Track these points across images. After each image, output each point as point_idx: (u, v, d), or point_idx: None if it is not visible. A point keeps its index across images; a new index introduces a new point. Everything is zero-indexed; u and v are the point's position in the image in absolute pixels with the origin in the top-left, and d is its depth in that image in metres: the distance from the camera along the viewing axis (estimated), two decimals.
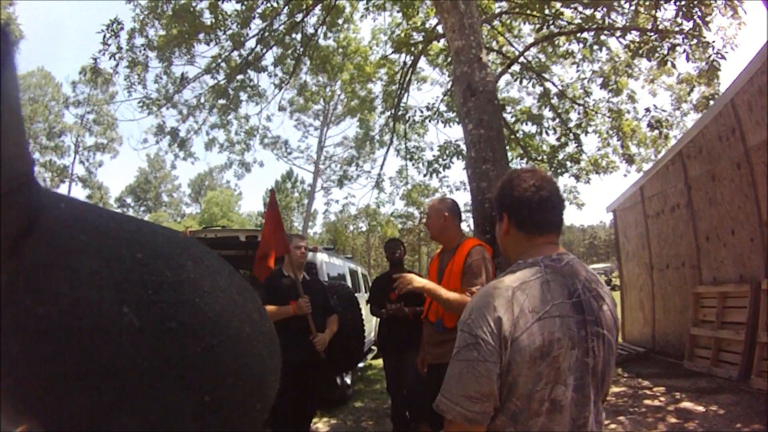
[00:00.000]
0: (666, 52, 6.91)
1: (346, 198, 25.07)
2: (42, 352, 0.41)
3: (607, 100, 10.76)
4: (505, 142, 6.63)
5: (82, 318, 0.42)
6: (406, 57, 10.66)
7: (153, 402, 0.45)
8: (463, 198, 19.37)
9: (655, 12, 7.11)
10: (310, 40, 9.70)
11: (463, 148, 9.29)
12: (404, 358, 4.72)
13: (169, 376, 0.46)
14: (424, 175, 11.35)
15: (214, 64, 9.50)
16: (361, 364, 7.75)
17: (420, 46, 10.10)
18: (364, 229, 35.19)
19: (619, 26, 7.90)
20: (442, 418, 1.32)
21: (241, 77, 9.77)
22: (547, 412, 1.27)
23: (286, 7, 9.01)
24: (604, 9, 7.79)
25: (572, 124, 10.95)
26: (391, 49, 10.97)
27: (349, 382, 6.88)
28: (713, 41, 7.10)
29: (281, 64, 10.28)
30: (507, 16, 10.03)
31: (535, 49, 10.15)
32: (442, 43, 10.05)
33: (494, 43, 10.81)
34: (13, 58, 0.40)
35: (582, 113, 10.87)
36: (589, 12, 7.91)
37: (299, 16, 9.19)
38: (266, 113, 15.49)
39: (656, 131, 9.68)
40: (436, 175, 10.84)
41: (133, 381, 0.44)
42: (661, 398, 5.81)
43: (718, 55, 6.90)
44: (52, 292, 0.42)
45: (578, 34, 8.48)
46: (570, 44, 9.89)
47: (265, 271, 4.02)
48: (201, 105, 10.14)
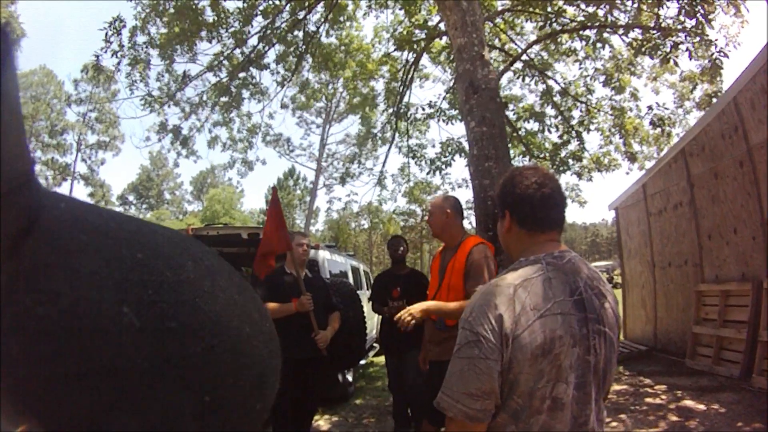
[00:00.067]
0: (668, 49, 6.88)
1: (349, 195, 25.08)
2: (42, 352, 0.41)
3: (610, 98, 10.76)
4: (508, 139, 6.62)
5: (82, 318, 0.42)
6: (409, 54, 10.65)
7: (153, 402, 0.45)
8: (465, 195, 19.37)
9: (658, 10, 7.08)
10: (312, 38, 9.69)
11: (465, 146, 9.29)
12: (406, 356, 4.70)
13: (169, 376, 0.46)
14: (427, 173, 11.35)
15: (217, 62, 9.49)
16: (362, 362, 7.76)
17: (422, 44, 10.08)
18: (366, 227, 35.20)
19: (621, 24, 7.88)
20: (443, 416, 1.32)
21: (243, 75, 9.76)
22: (549, 410, 1.27)
23: (288, 5, 9.00)
24: (607, 6, 7.76)
25: (575, 122, 10.93)
26: (394, 47, 10.95)
27: (350, 379, 6.89)
28: (716, 39, 7.09)
29: (283, 62, 10.27)
30: (509, 13, 10.01)
31: (537, 46, 10.13)
32: (445, 40, 10.03)
33: (496, 40, 10.78)
34: (13, 58, 0.40)
35: (584, 111, 10.85)
36: (591, 9, 7.88)
37: (301, 14, 9.18)
38: (268, 111, 15.50)
39: (659, 129, 9.65)
40: (439, 173, 10.84)
41: (133, 381, 0.44)
42: (663, 396, 5.81)
43: (721, 54, 6.87)
44: (52, 292, 0.42)
45: (581, 32, 8.45)
46: (572, 42, 9.89)
47: (265, 268, 4.02)
48: (203, 102, 10.14)
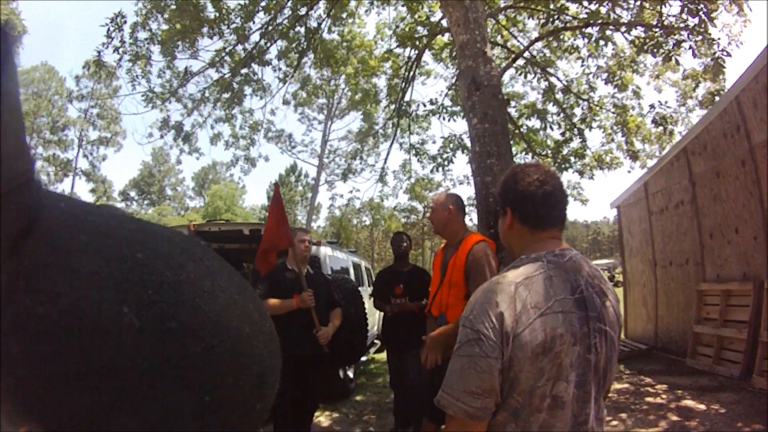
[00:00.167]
0: (671, 47, 6.87)
1: (351, 192, 25.13)
2: (42, 352, 0.41)
3: (612, 96, 10.74)
4: (510, 136, 6.61)
5: (82, 318, 0.42)
6: (411, 51, 10.63)
7: (153, 402, 0.45)
8: (466, 192, 19.38)
9: (661, 8, 7.07)
10: (314, 34, 9.67)
11: (467, 142, 9.29)
12: (408, 354, 4.69)
13: (169, 376, 0.46)
14: (431, 171, 11.35)
15: (218, 58, 9.48)
16: (363, 358, 7.77)
17: (424, 40, 10.07)
18: (368, 223, 35.25)
19: (624, 21, 7.87)
20: (444, 414, 1.32)
21: (245, 71, 9.76)
22: (549, 408, 1.27)
23: (290, 1, 8.99)
24: (609, 4, 7.74)
25: (577, 120, 10.92)
26: (396, 44, 10.94)
27: (351, 375, 6.91)
28: (718, 38, 7.07)
29: (285, 58, 10.27)
30: (512, 10, 9.98)
31: (540, 43, 10.12)
32: (447, 37, 10.01)
33: (499, 37, 10.76)
34: (13, 58, 0.40)
35: (586, 108, 10.84)
36: (594, 7, 7.86)
37: (303, 10, 9.17)
38: (270, 107, 15.49)
39: (661, 127, 9.64)
40: (441, 170, 10.84)
41: (133, 381, 0.44)
42: (663, 396, 5.82)
43: (723, 52, 6.86)
44: (52, 292, 0.42)
45: (583, 29, 8.44)
46: (575, 39, 9.85)
47: (267, 265, 4.03)
48: (205, 99, 10.14)
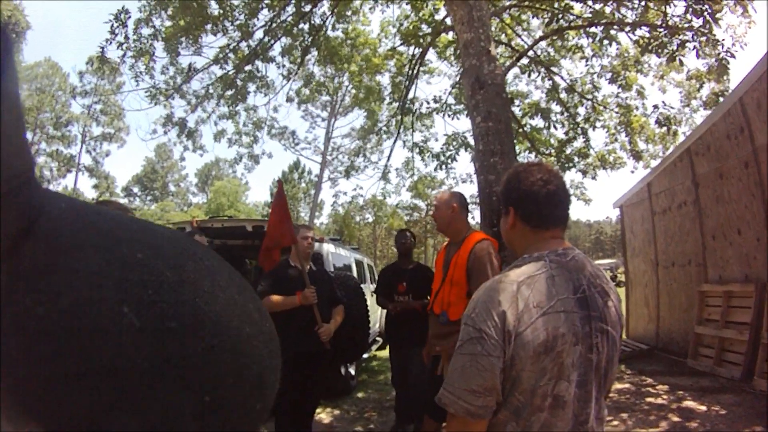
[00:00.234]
0: (675, 48, 6.85)
1: (355, 189, 25.16)
2: (42, 352, 0.41)
3: (616, 95, 10.71)
4: (513, 135, 6.61)
5: (82, 318, 0.42)
6: (414, 49, 10.62)
7: (153, 402, 0.45)
8: (469, 190, 19.36)
9: (665, 8, 7.05)
10: (318, 31, 9.66)
11: (470, 140, 9.28)
12: (411, 352, 4.66)
13: (169, 376, 0.46)
14: (434, 169, 11.36)
15: (222, 55, 9.48)
16: (365, 355, 7.78)
17: (428, 38, 10.05)
18: (371, 220, 35.26)
19: (628, 21, 7.84)
20: (445, 412, 1.32)
21: (249, 68, 9.75)
22: (550, 408, 1.27)
23: None
24: (614, 4, 7.73)
25: (580, 119, 10.89)
26: (400, 42, 10.92)
27: (353, 372, 6.92)
28: (722, 39, 7.05)
29: (289, 55, 10.26)
30: (516, 9, 9.96)
31: (544, 42, 10.09)
32: (451, 35, 10.00)
33: (503, 36, 10.74)
34: (13, 58, 0.40)
35: (590, 108, 10.81)
36: (598, 6, 7.85)
37: (307, 7, 9.15)
38: (273, 104, 15.46)
39: (664, 128, 9.62)
40: (444, 168, 10.84)
41: (133, 381, 0.44)
42: (664, 396, 5.81)
43: (728, 53, 6.84)
44: (52, 292, 0.42)
45: (587, 29, 8.42)
46: (579, 38, 9.83)
47: (270, 262, 4.03)
48: (209, 95, 10.14)
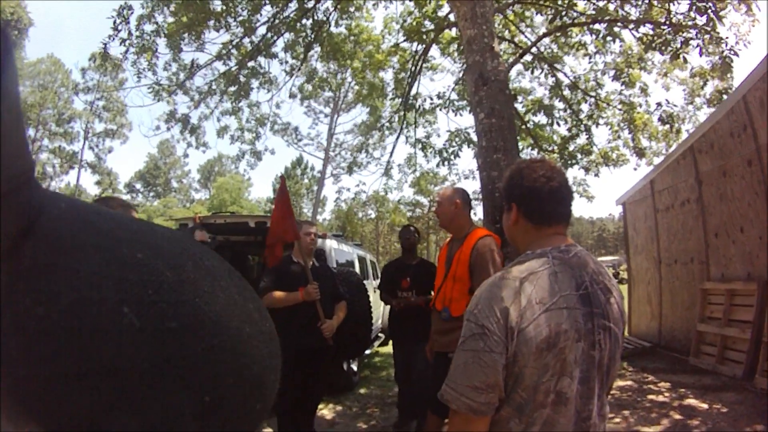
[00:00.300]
0: (679, 45, 6.82)
1: (358, 185, 25.14)
2: (42, 352, 0.41)
3: (619, 93, 10.67)
4: (516, 132, 6.58)
5: (82, 318, 0.42)
6: (418, 45, 10.58)
7: (153, 402, 0.45)
8: (472, 186, 19.35)
9: (669, 5, 7.01)
10: (321, 27, 9.64)
11: (473, 136, 9.26)
12: (415, 348, 4.63)
13: (169, 376, 0.46)
14: (437, 165, 11.34)
15: (225, 51, 9.46)
16: (367, 351, 7.78)
17: (431, 35, 10.02)
18: (373, 216, 35.24)
19: (632, 18, 7.81)
20: (448, 408, 1.32)
21: (252, 64, 9.74)
22: (553, 404, 1.27)
23: None
24: (618, 1, 7.70)
25: (583, 116, 10.86)
26: (403, 38, 10.88)
27: (355, 368, 6.92)
28: (726, 37, 7.02)
29: (292, 50, 10.23)
30: (520, 5, 9.92)
31: (547, 39, 10.05)
32: (454, 31, 9.96)
33: (506, 32, 10.69)
34: (14, 58, 0.40)
35: (593, 105, 10.77)
36: (602, 3, 7.82)
37: (311, 3, 9.13)
38: (276, 100, 15.47)
39: (667, 126, 9.58)
40: (446, 164, 10.82)
41: (133, 381, 0.44)
42: (666, 394, 5.80)
43: (731, 52, 6.81)
44: (52, 292, 0.42)
45: (591, 26, 8.39)
46: (582, 35, 9.79)
47: (274, 258, 4.04)
48: (212, 91, 10.12)
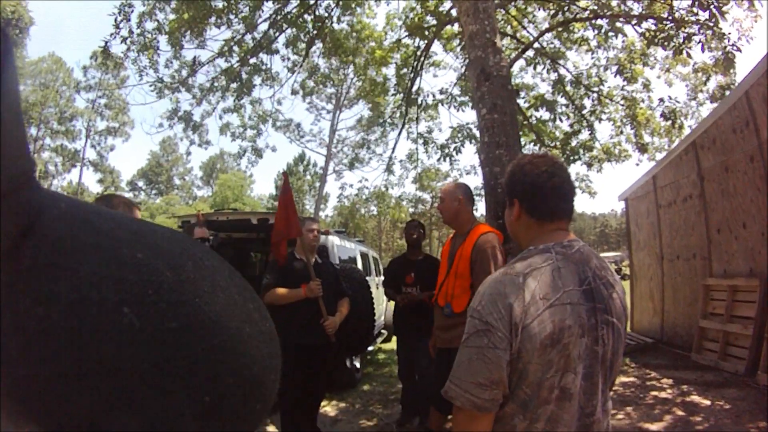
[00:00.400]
0: (681, 41, 6.79)
1: (360, 181, 25.04)
2: (42, 352, 0.41)
3: (622, 88, 10.63)
4: (519, 127, 6.57)
5: (82, 318, 0.42)
6: (420, 41, 10.55)
7: (153, 402, 0.45)
8: (473, 182, 19.34)
9: (671, 0, 6.98)
10: (322, 22, 9.61)
11: (475, 132, 9.24)
12: (419, 344, 4.64)
13: (169, 376, 0.46)
14: (438, 160, 11.33)
15: (227, 48, 9.45)
16: (370, 348, 7.79)
17: (434, 30, 9.98)
18: (376, 213, 35.27)
19: (634, 14, 7.77)
20: (451, 404, 1.32)
21: (254, 61, 9.72)
22: (557, 400, 1.27)
23: None
24: None
25: (586, 111, 10.83)
26: (405, 34, 10.86)
27: (358, 365, 6.94)
28: (729, 33, 6.99)
29: (293, 46, 10.21)
30: (522, 1, 9.89)
31: (549, 34, 10.01)
32: (456, 27, 9.92)
33: (508, 27, 10.65)
34: (14, 58, 0.40)
35: (596, 100, 10.74)
36: None
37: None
38: (278, 96, 15.44)
39: (669, 121, 9.56)
40: (449, 159, 10.80)
41: (133, 381, 0.44)
42: (668, 390, 5.80)
43: (734, 47, 6.78)
44: (52, 292, 0.42)
45: (593, 21, 8.35)
46: (585, 31, 9.76)
47: (281, 256, 4.04)
48: (214, 88, 10.12)
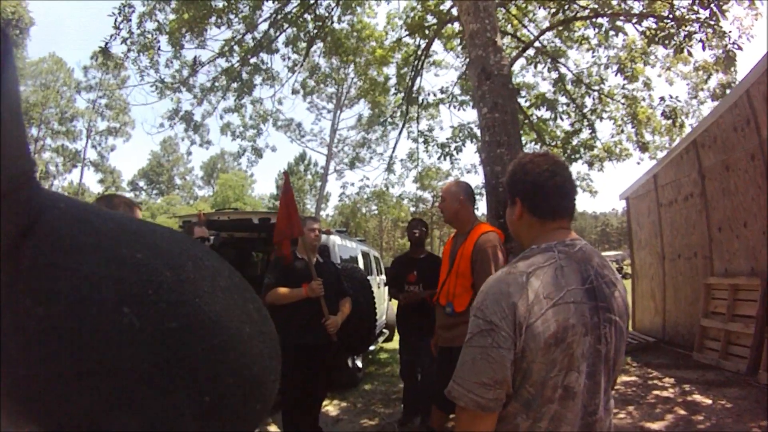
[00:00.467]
0: (682, 39, 6.78)
1: (362, 180, 25.08)
2: (42, 352, 0.41)
3: (623, 87, 10.62)
4: (520, 126, 6.56)
5: (82, 318, 0.42)
6: (420, 40, 10.54)
7: (153, 402, 0.45)
8: (475, 181, 19.35)
9: None
10: (323, 22, 9.60)
11: (476, 131, 9.23)
12: (421, 343, 4.62)
13: (169, 376, 0.46)
14: (438, 158, 11.33)
15: (227, 48, 9.44)
16: (372, 347, 7.79)
17: (434, 29, 9.96)
18: (377, 212, 35.29)
19: (635, 12, 7.76)
20: (454, 403, 1.31)
21: (254, 60, 9.71)
22: (560, 399, 1.27)
23: None
24: None
25: (587, 110, 10.81)
26: (406, 33, 10.84)
27: (360, 364, 6.92)
28: (729, 31, 6.97)
29: (293, 45, 10.20)
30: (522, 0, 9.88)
31: (550, 33, 9.99)
32: (457, 26, 9.91)
33: (509, 26, 10.63)
34: (13, 59, 0.40)
35: (597, 99, 10.73)
36: None
37: None
38: (279, 96, 15.43)
39: (670, 120, 9.54)
40: (449, 158, 10.80)
41: (133, 381, 0.44)
42: (670, 389, 5.80)
43: (735, 45, 6.77)
44: (52, 292, 0.42)
45: (594, 19, 8.34)
46: (585, 29, 9.74)
47: (286, 254, 4.03)
48: (215, 88, 10.11)
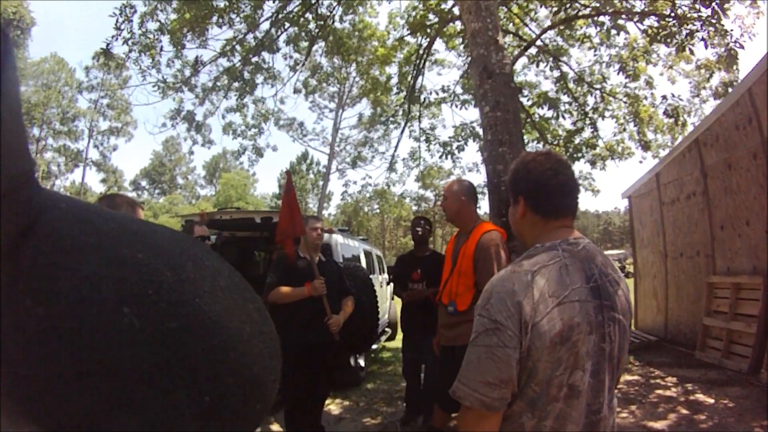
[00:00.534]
0: (684, 38, 6.77)
1: (364, 179, 25.08)
2: (42, 352, 0.41)
3: (624, 85, 10.60)
4: (522, 125, 6.55)
5: (82, 318, 0.42)
6: (422, 39, 10.53)
7: (153, 402, 0.45)
8: (477, 180, 19.36)
9: None
10: (324, 21, 9.60)
11: (478, 130, 9.22)
12: (425, 342, 4.63)
13: (169, 376, 0.46)
14: (440, 157, 11.34)
15: (229, 47, 9.44)
16: (374, 346, 7.78)
17: (436, 27, 9.95)
18: (379, 211, 35.31)
19: (637, 11, 7.75)
20: (455, 403, 1.31)
21: (256, 60, 9.71)
22: (565, 398, 1.27)
23: None
24: None
25: (589, 109, 10.79)
26: (407, 32, 10.83)
27: (362, 363, 6.92)
28: (731, 29, 6.96)
29: (295, 45, 10.19)
30: None
31: (552, 32, 9.98)
32: (459, 25, 9.90)
33: (511, 25, 10.61)
34: (14, 59, 0.40)
35: (599, 98, 10.71)
36: None
37: None
38: (281, 95, 15.42)
39: (672, 119, 9.52)
40: (451, 157, 10.80)
41: (133, 381, 0.44)
42: (672, 388, 5.79)
43: (736, 44, 6.76)
44: (52, 292, 0.42)
45: (596, 18, 8.33)
46: (587, 28, 9.73)
47: (290, 253, 4.03)
48: (217, 88, 10.11)
